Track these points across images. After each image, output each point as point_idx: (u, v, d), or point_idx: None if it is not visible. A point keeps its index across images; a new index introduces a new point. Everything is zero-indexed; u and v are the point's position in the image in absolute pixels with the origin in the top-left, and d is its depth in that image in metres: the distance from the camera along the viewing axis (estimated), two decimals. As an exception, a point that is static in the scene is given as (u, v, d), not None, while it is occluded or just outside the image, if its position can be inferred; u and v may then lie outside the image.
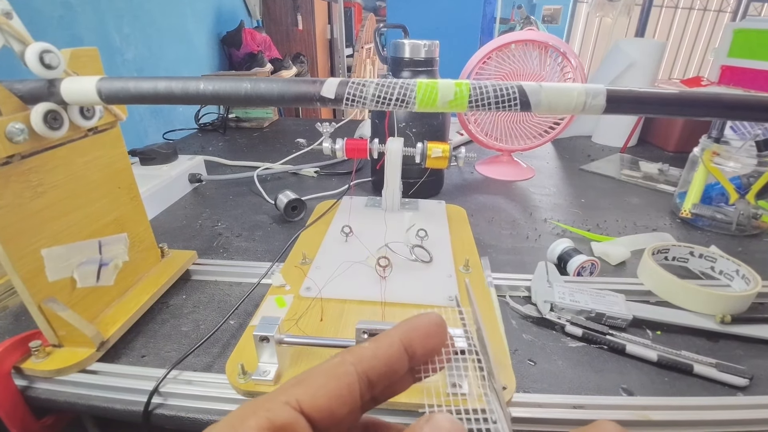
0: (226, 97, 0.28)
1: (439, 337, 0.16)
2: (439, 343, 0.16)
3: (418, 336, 0.16)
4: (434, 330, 0.16)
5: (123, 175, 0.40)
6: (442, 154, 0.55)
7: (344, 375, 0.15)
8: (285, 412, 0.13)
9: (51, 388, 0.34)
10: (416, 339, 0.16)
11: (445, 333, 0.17)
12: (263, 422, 0.13)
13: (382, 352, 0.15)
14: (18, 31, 0.27)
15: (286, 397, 0.14)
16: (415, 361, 0.16)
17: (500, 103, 0.28)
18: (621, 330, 0.40)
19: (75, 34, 1.07)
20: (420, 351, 0.16)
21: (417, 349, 0.16)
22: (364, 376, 0.15)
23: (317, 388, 0.14)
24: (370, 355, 0.15)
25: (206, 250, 0.54)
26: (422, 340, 0.16)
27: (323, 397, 0.14)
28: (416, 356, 0.16)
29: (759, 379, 0.35)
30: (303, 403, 0.14)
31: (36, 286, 0.32)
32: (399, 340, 0.16)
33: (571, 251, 0.50)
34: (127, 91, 0.28)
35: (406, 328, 0.16)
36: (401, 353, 0.16)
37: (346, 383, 0.15)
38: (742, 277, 0.44)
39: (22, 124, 0.28)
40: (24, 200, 0.30)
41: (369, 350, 0.16)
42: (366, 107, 0.29)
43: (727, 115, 0.30)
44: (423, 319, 0.17)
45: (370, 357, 0.15)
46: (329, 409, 0.14)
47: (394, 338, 0.16)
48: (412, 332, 0.16)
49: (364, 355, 0.15)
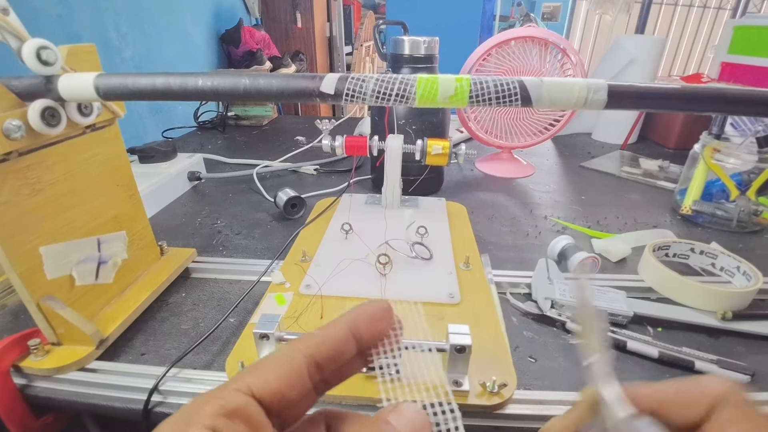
0: (224, 92, 0.28)
1: (384, 321, 0.18)
2: (385, 327, 0.18)
3: (363, 320, 0.17)
4: (380, 314, 0.18)
5: (122, 173, 0.40)
6: (442, 151, 0.55)
7: (293, 360, 0.16)
8: (237, 397, 0.14)
9: (50, 387, 0.34)
10: (362, 323, 0.17)
11: (391, 318, 0.18)
12: (216, 409, 0.14)
13: (329, 337, 0.17)
14: (15, 27, 0.27)
15: (237, 384, 0.15)
16: (363, 345, 0.17)
17: (501, 98, 0.28)
18: (622, 327, 0.40)
19: (73, 32, 1.06)
20: (366, 335, 0.17)
21: (363, 333, 0.17)
22: (312, 359, 0.16)
23: (267, 373, 0.15)
24: (318, 341, 0.17)
25: (206, 247, 0.54)
26: (368, 324, 0.17)
27: (273, 382, 0.15)
28: (363, 340, 0.17)
29: (760, 376, 0.35)
30: (254, 388, 0.15)
31: (34, 284, 0.32)
32: (345, 326, 0.17)
33: (571, 248, 0.49)
34: (125, 87, 0.28)
35: (353, 314, 0.18)
36: (348, 337, 0.17)
37: (295, 367, 0.16)
38: (743, 274, 0.44)
39: (19, 121, 0.28)
40: (22, 197, 0.30)
41: (316, 336, 0.17)
42: (366, 103, 0.29)
43: (728, 109, 0.30)
44: (370, 305, 0.18)
45: (317, 342, 0.16)
46: (280, 392, 0.15)
47: (340, 323, 0.17)
48: (358, 317, 0.17)
49: (312, 341, 0.16)
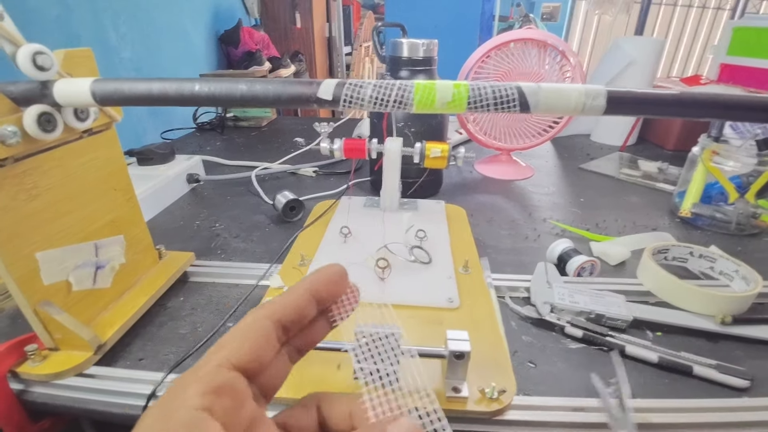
0: (221, 98, 0.27)
1: (341, 283, 0.20)
2: (341, 289, 0.20)
3: (322, 283, 0.19)
4: (336, 278, 0.20)
5: (119, 177, 0.40)
6: (441, 154, 0.55)
7: (259, 326, 0.17)
8: (221, 374, 0.15)
9: (47, 392, 0.34)
10: (321, 286, 0.19)
11: (346, 280, 0.20)
12: (205, 388, 0.14)
13: (291, 301, 0.18)
14: (9, 33, 0.27)
15: (217, 360, 0.16)
16: (322, 305, 0.19)
17: (499, 104, 0.28)
18: (621, 331, 0.40)
19: (72, 33, 1.06)
20: (326, 295, 0.19)
21: (323, 294, 0.19)
22: (278, 323, 0.18)
23: (239, 343, 0.16)
24: (280, 306, 0.18)
25: (204, 251, 0.54)
26: (326, 287, 0.19)
27: (247, 350, 0.16)
28: (323, 300, 0.19)
29: (759, 381, 0.35)
30: (233, 360, 0.16)
31: (31, 290, 0.32)
32: (305, 289, 0.19)
33: (570, 251, 0.49)
34: (121, 92, 0.28)
35: (312, 278, 0.19)
36: (309, 299, 0.19)
37: (263, 332, 0.17)
38: (742, 278, 0.44)
39: (14, 127, 0.28)
40: (18, 203, 0.30)
41: (279, 302, 0.18)
42: (363, 108, 0.29)
43: (726, 115, 0.30)
44: (326, 269, 0.20)
45: (280, 307, 0.18)
46: (254, 357, 0.16)
47: (300, 287, 0.19)
48: (316, 281, 0.19)
49: (275, 307, 0.18)
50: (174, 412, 0.14)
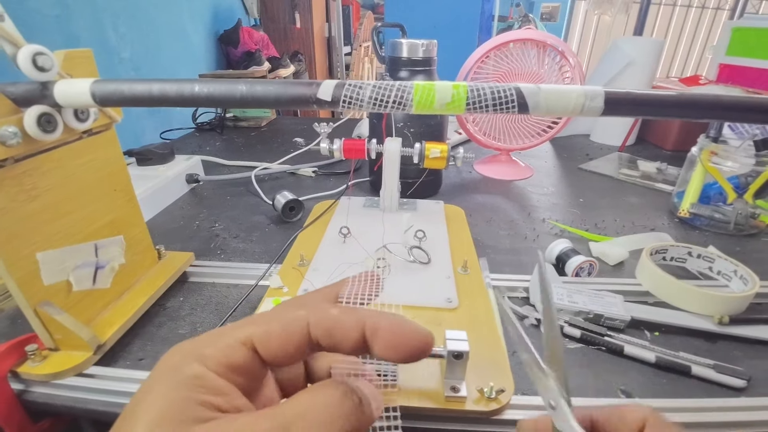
0: (221, 99, 0.28)
1: (404, 353, 0.16)
2: (401, 358, 0.16)
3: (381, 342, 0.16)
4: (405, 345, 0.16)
5: (118, 177, 0.40)
6: (440, 155, 0.55)
7: (297, 329, 0.16)
8: (240, 352, 0.15)
9: (48, 392, 0.34)
10: (380, 340, 0.16)
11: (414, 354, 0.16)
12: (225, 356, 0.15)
13: (338, 330, 0.16)
14: (10, 34, 0.27)
15: (242, 336, 0.16)
16: (369, 351, 0.16)
17: (498, 105, 0.28)
18: (619, 331, 0.40)
19: (71, 33, 1.06)
20: (377, 351, 0.16)
21: (375, 348, 0.16)
22: (315, 339, 0.16)
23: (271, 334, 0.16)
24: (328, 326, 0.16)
25: (203, 251, 0.54)
26: (384, 348, 0.16)
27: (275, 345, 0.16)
28: (373, 351, 0.16)
29: (757, 381, 0.35)
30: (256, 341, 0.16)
31: (31, 290, 0.32)
32: (360, 328, 0.16)
33: (569, 251, 0.49)
34: (121, 93, 0.28)
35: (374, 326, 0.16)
36: (358, 340, 0.16)
37: (297, 337, 0.16)
38: (740, 278, 0.44)
39: (15, 128, 0.28)
40: (18, 204, 0.30)
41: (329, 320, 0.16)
42: (363, 109, 0.29)
43: (724, 117, 0.30)
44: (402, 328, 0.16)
45: (326, 327, 0.16)
46: (277, 355, 0.16)
47: (355, 323, 0.16)
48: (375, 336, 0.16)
49: (323, 323, 0.16)
50: (187, 364, 0.14)
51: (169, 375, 0.14)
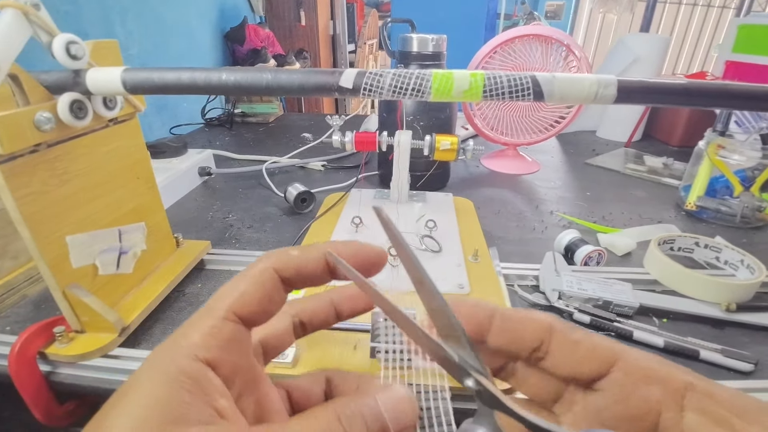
0: (247, 87, 0.29)
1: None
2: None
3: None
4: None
5: (141, 166, 0.41)
6: (451, 147, 0.56)
7: (268, 278, 0.17)
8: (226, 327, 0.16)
9: (74, 373, 0.35)
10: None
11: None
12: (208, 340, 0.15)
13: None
14: (46, 22, 0.28)
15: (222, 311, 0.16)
16: (335, 275, 0.19)
17: (514, 92, 0.29)
18: (628, 318, 0.41)
19: (80, 29, 1.07)
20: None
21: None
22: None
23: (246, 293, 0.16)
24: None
25: (219, 240, 0.55)
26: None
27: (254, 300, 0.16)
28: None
29: (763, 365, 0.36)
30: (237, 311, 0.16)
31: (61, 272, 0.33)
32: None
33: (578, 241, 0.50)
34: (151, 81, 0.29)
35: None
36: (323, 268, 0.18)
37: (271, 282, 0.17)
38: (747, 267, 0.45)
39: (49, 113, 0.29)
40: (50, 188, 0.31)
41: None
42: (382, 97, 0.30)
43: (733, 105, 0.31)
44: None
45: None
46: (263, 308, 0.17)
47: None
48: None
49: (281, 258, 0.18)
50: (177, 358, 0.14)
51: (154, 374, 0.14)
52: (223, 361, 0.15)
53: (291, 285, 0.18)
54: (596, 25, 3.81)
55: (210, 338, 0.15)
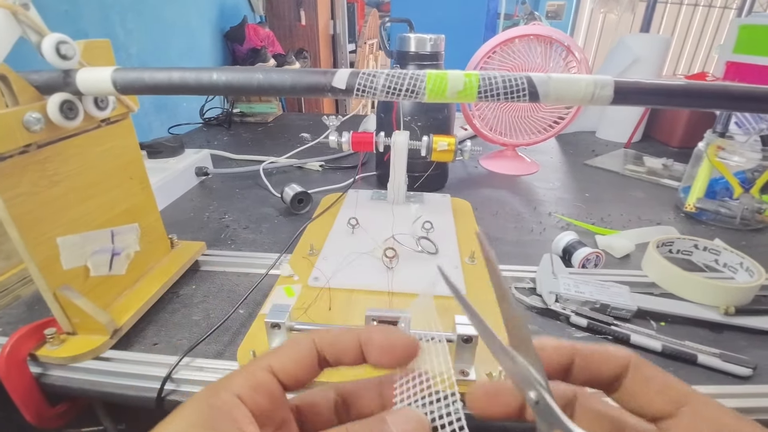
0: (239, 87, 0.28)
1: (394, 358, 0.18)
2: (392, 362, 0.18)
3: (374, 347, 0.18)
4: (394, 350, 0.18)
5: (134, 166, 0.40)
6: (448, 147, 0.55)
7: (307, 349, 0.18)
8: (262, 374, 0.17)
9: (65, 375, 0.35)
10: (373, 350, 0.18)
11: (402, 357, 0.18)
12: (244, 381, 0.17)
13: (340, 344, 0.18)
14: (35, 22, 0.28)
15: (263, 363, 0.17)
16: (367, 360, 0.18)
17: (509, 93, 0.28)
18: (625, 321, 0.40)
19: (80, 28, 1.07)
20: (373, 357, 0.18)
21: (371, 355, 0.18)
22: (321, 353, 0.18)
23: (287, 358, 0.18)
24: (330, 341, 0.18)
25: (214, 241, 0.55)
26: (377, 353, 0.18)
27: (291, 364, 0.18)
28: (369, 358, 0.18)
29: (762, 369, 0.35)
30: (275, 369, 0.17)
31: (51, 274, 0.33)
32: (357, 341, 0.18)
33: (575, 243, 0.50)
34: (141, 81, 0.28)
35: (367, 337, 0.18)
36: (356, 349, 0.18)
37: (308, 355, 0.18)
38: (746, 270, 0.44)
39: (38, 114, 0.29)
40: (40, 189, 0.31)
41: (330, 336, 0.18)
42: (376, 97, 0.29)
43: (732, 106, 0.30)
44: (392, 336, 0.18)
45: (329, 342, 0.18)
46: (295, 374, 0.18)
47: (353, 338, 0.18)
48: (369, 342, 0.18)
49: (326, 338, 0.18)
50: (218, 392, 0.16)
51: (198, 402, 0.16)
52: (255, 402, 0.16)
53: (325, 360, 0.18)
54: (597, 26, 3.80)
55: (246, 380, 0.17)
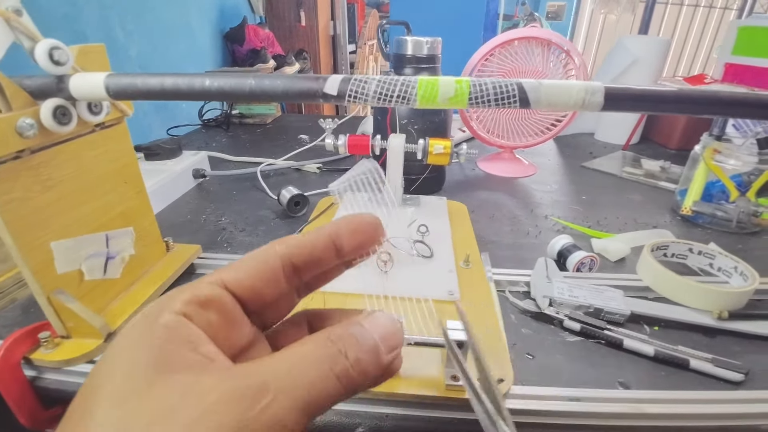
0: (231, 93, 0.28)
1: (367, 234, 0.18)
2: (367, 240, 0.18)
3: (346, 230, 0.17)
4: (363, 227, 0.18)
5: (129, 170, 0.41)
6: (444, 151, 0.55)
7: (267, 259, 0.16)
8: (209, 288, 0.15)
9: (59, 379, 0.35)
10: (344, 233, 0.17)
11: (376, 231, 0.18)
12: (189, 297, 0.14)
13: (308, 242, 0.17)
14: (28, 28, 0.28)
15: (211, 278, 0.16)
16: (343, 254, 0.18)
17: (500, 99, 0.28)
18: (619, 325, 0.40)
19: (79, 30, 1.08)
20: (347, 245, 0.17)
21: (344, 242, 0.17)
22: (288, 261, 0.17)
23: (242, 270, 0.16)
24: (296, 243, 0.17)
25: (211, 244, 0.55)
26: (350, 235, 0.17)
27: (247, 278, 0.16)
28: (344, 249, 0.17)
29: (755, 374, 0.35)
30: (228, 281, 0.15)
31: (45, 278, 0.33)
32: (327, 233, 0.17)
33: (570, 247, 0.50)
34: (134, 86, 0.29)
35: (336, 223, 0.18)
36: (327, 244, 0.17)
37: (270, 266, 0.16)
38: (740, 274, 0.44)
39: (31, 119, 0.29)
40: (34, 194, 0.31)
41: (295, 240, 0.17)
42: (368, 103, 0.30)
43: (725, 112, 0.30)
44: (354, 216, 0.18)
45: (295, 245, 0.17)
46: (253, 287, 0.16)
47: (322, 231, 0.17)
48: (340, 227, 0.17)
49: (290, 243, 0.17)
50: (156, 316, 0.14)
51: (138, 331, 0.14)
52: (205, 319, 0.15)
53: (297, 270, 0.17)
54: (597, 27, 3.80)
55: (191, 296, 0.15)
